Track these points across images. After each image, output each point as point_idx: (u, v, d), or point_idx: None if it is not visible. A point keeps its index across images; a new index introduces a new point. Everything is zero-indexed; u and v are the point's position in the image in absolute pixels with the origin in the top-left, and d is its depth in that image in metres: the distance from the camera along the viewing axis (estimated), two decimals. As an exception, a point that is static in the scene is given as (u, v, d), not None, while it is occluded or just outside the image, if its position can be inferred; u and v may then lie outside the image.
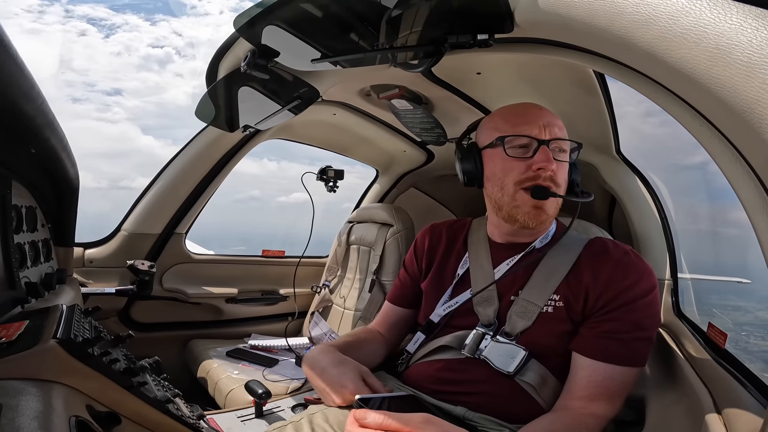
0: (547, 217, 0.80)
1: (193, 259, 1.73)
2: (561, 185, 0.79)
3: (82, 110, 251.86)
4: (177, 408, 0.64)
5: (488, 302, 0.84)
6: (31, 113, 0.63)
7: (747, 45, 0.35)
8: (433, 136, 1.53)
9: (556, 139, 0.78)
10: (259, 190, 22.87)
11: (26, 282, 0.78)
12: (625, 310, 0.73)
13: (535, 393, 0.76)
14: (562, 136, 0.80)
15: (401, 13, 0.68)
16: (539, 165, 0.76)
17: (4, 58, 0.50)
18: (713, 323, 0.80)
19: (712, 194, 1.28)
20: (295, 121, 1.37)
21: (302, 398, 1.24)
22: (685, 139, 0.52)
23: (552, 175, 0.77)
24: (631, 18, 0.43)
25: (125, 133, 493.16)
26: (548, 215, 0.80)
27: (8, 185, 0.76)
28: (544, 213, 0.79)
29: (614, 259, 0.78)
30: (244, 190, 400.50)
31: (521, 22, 0.58)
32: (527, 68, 1.02)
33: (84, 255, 1.46)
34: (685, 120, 0.50)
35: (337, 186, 1.80)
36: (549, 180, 0.77)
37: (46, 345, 0.50)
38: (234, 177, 1.69)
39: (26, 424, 0.40)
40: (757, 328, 2.72)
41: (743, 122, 0.37)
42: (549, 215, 0.80)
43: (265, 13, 0.76)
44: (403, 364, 0.95)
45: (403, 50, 0.74)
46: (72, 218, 1.06)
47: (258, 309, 1.89)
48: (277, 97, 1.12)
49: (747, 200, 0.44)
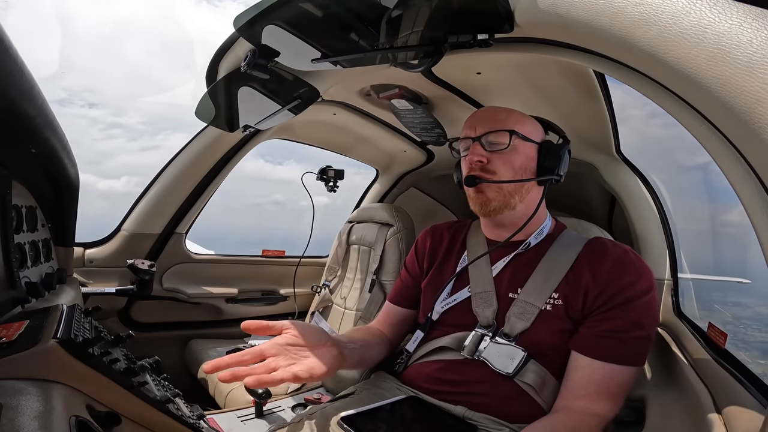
0: (489, 201, 0.84)
1: (193, 259, 1.73)
2: (497, 172, 0.83)
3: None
4: (177, 408, 0.64)
5: (487, 303, 0.84)
6: (31, 113, 0.63)
7: (747, 45, 0.35)
8: (433, 136, 1.53)
9: (486, 133, 0.84)
10: (282, 194, 21.47)
11: (26, 282, 0.78)
12: (623, 309, 0.74)
13: (534, 393, 0.77)
14: (495, 128, 0.84)
15: (401, 13, 0.68)
16: (469, 159, 0.85)
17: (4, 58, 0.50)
18: (713, 322, 0.80)
19: (719, 194, 1.28)
20: (295, 121, 1.37)
21: (302, 398, 1.24)
22: (691, 139, 0.52)
23: (482, 164, 0.83)
24: (632, 18, 0.43)
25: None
26: (489, 199, 0.84)
27: (8, 185, 0.76)
28: (483, 196, 0.85)
29: (613, 258, 0.79)
30: (268, 195, 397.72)
31: (521, 22, 0.58)
32: (527, 68, 1.02)
33: (84, 255, 1.46)
34: (686, 120, 0.50)
35: (337, 186, 1.81)
36: (478, 170, 0.84)
37: (46, 345, 0.50)
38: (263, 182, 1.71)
39: (26, 424, 0.40)
40: (755, 322, 2.83)
41: (743, 122, 0.37)
42: (490, 199, 0.84)
43: (265, 13, 0.76)
44: (402, 364, 0.95)
45: (403, 50, 0.74)
46: (72, 218, 1.06)
47: (258, 309, 1.89)
48: (277, 97, 1.12)
49: (747, 200, 0.44)
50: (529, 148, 0.84)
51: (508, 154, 0.83)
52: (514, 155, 0.83)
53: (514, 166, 0.83)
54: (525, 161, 0.84)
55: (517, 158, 0.83)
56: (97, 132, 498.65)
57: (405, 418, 0.77)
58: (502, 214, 0.85)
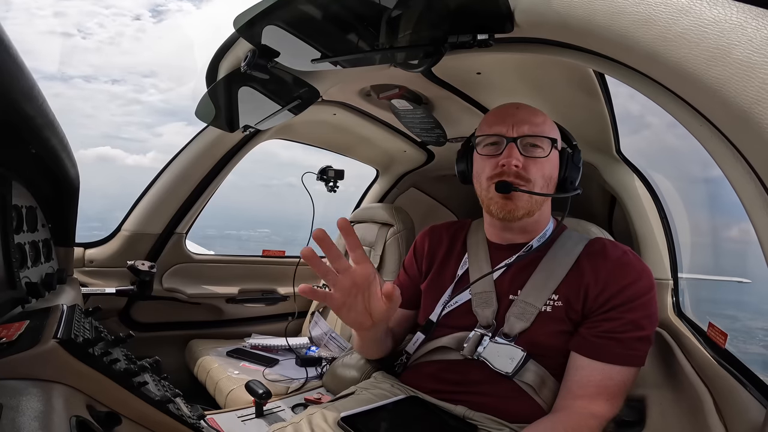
0: (517, 209, 0.81)
1: (193, 259, 1.73)
2: (532, 180, 0.79)
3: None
4: (177, 408, 0.64)
5: (487, 303, 0.84)
6: (31, 113, 0.63)
7: (747, 45, 0.35)
8: (433, 137, 1.53)
9: (525, 136, 0.80)
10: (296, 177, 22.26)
11: (27, 282, 0.78)
12: (623, 309, 0.74)
13: (534, 393, 0.77)
14: (536, 132, 0.80)
15: (401, 13, 0.68)
16: (502, 161, 0.79)
17: (5, 58, 0.50)
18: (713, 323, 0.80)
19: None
20: (296, 121, 1.37)
21: (302, 398, 1.24)
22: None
23: (517, 170, 0.78)
24: (631, 18, 0.43)
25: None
26: (517, 207, 0.80)
27: (8, 185, 0.76)
28: (512, 204, 0.80)
29: (613, 258, 0.79)
30: (281, 177, 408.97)
31: (521, 22, 0.58)
32: (527, 68, 1.02)
33: (84, 255, 1.46)
34: (685, 120, 0.50)
35: (337, 186, 1.80)
36: (513, 175, 0.78)
37: (46, 345, 0.50)
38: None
39: (27, 424, 0.40)
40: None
41: (743, 122, 0.37)
42: (518, 207, 0.81)
43: (265, 13, 0.76)
44: (402, 365, 0.95)
45: (403, 50, 0.74)
46: (72, 218, 1.06)
47: (258, 309, 1.89)
48: (277, 97, 1.12)
49: (747, 200, 0.44)
50: (556, 156, 0.83)
51: (543, 163, 0.80)
52: (547, 164, 0.81)
53: (545, 175, 0.81)
54: (553, 170, 0.82)
55: (548, 167, 0.81)
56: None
57: (405, 418, 0.77)
58: (521, 221, 0.83)
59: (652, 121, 1.30)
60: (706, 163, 0.53)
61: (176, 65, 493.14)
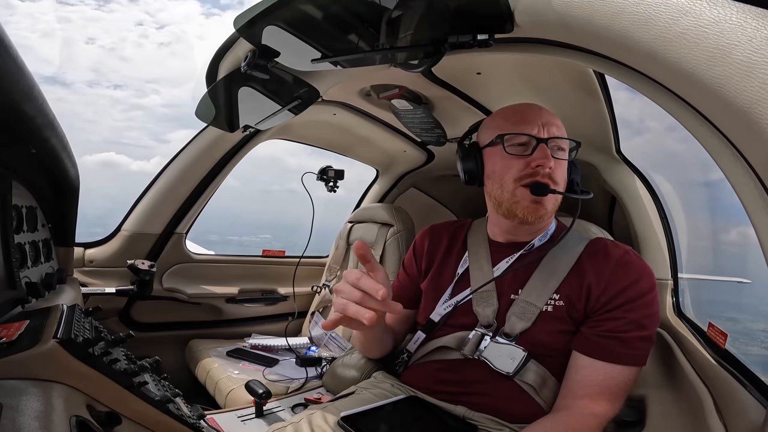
0: (546, 213, 0.81)
1: (193, 259, 1.73)
2: (559, 183, 0.80)
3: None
4: (177, 408, 0.64)
5: (487, 303, 0.84)
6: (31, 113, 0.63)
7: (747, 45, 0.36)
8: (433, 137, 1.53)
9: (555, 138, 0.80)
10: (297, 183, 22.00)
11: (26, 282, 0.78)
12: (625, 309, 0.74)
13: (534, 393, 0.77)
14: (560, 135, 0.81)
15: (401, 14, 0.68)
16: (538, 162, 0.77)
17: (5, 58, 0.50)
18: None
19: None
20: (295, 121, 1.37)
21: (302, 398, 1.24)
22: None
23: (550, 172, 0.78)
24: (631, 18, 0.43)
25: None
26: (547, 211, 0.80)
27: (8, 185, 0.76)
28: (543, 208, 0.80)
29: (615, 258, 0.79)
30: (283, 183, 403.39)
31: (521, 22, 0.58)
32: (527, 68, 1.02)
33: (84, 255, 1.46)
34: (685, 120, 0.50)
35: (337, 186, 1.80)
36: (547, 177, 0.78)
37: (46, 345, 0.50)
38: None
39: (27, 424, 0.40)
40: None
41: (743, 122, 0.37)
42: (548, 211, 0.81)
43: (265, 13, 0.76)
44: (402, 364, 0.95)
45: (404, 50, 0.74)
46: (72, 218, 1.06)
47: (258, 309, 1.89)
48: (277, 97, 1.12)
49: (747, 200, 0.44)
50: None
51: (564, 165, 0.82)
52: (566, 166, 0.82)
53: (565, 178, 0.82)
54: (566, 172, 0.83)
55: (566, 169, 0.82)
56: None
57: (405, 417, 0.77)
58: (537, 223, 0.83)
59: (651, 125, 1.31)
60: (706, 164, 0.53)
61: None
